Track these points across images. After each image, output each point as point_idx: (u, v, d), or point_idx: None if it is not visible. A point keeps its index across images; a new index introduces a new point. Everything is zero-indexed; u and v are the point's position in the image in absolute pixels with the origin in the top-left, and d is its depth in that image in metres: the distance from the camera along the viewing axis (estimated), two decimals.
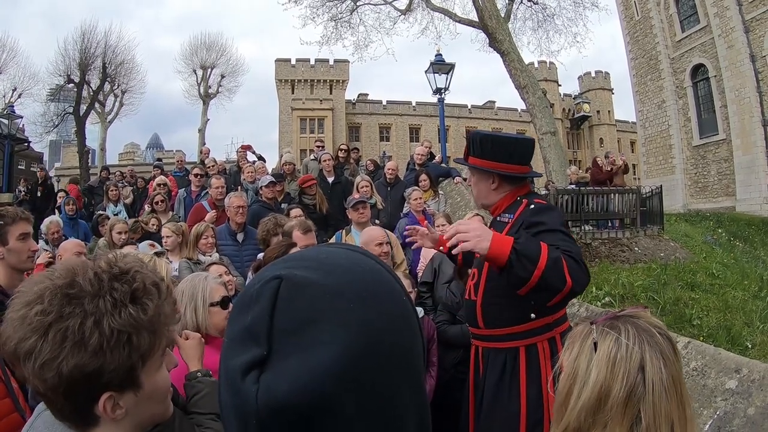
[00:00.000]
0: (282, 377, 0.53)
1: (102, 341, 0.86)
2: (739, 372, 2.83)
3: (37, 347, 0.85)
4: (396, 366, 0.59)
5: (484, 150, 2.59)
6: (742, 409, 2.65)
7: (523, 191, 2.63)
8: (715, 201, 24.51)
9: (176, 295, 2.41)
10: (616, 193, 11.78)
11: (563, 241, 2.30)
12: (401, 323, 0.62)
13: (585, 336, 1.08)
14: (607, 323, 1.06)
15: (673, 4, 26.82)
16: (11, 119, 23.74)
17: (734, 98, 23.31)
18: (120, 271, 0.93)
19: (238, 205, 5.77)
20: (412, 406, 0.61)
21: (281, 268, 0.60)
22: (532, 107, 16.66)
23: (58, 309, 0.86)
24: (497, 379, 2.45)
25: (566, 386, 1.07)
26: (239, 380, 0.55)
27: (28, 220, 2.74)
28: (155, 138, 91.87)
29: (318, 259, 0.63)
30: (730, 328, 7.00)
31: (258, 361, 0.54)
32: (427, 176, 8.00)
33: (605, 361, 1.01)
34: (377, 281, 0.63)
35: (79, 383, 0.87)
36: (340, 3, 20.43)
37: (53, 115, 32.45)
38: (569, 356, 1.09)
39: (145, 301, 0.93)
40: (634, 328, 1.03)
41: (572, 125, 61.36)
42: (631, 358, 1.00)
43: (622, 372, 0.99)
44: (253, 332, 0.56)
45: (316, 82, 55.31)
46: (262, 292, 0.58)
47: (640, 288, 8.09)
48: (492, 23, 16.91)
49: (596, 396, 1.01)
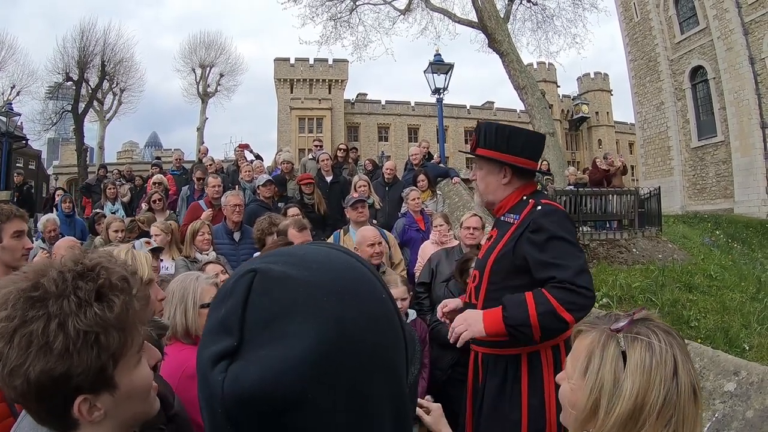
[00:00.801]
0: (250, 368, 0.53)
1: (68, 343, 0.83)
2: (737, 374, 2.82)
3: (3, 354, 0.83)
4: (372, 361, 0.58)
5: (499, 141, 2.46)
6: (740, 411, 2.64)
7: (529, 190, 2.51)
8: (714, 203, 24.56)
9: (167, 294, 2.40)
10: (614, 194, 11.81)
11: (567, 253, 2.23)
12: (379, 319, 0.61)
13: (605, 344, 1.03)
14: (632, 329, 1.02)
15: (672, 6, 26.87)
16: (9, 116, 23.73)
17: (733, 100, 23.38)
18: (85, 269, 0.89)
19: (235, 203, 5.75)
20: (389, 401, 0.60)
21: (259, 263, 0.61)
22: (530, 108, 16.66)
23: (21, 314, 0.83)
24: (498, 386, 2.38)
25: (591, 399, 1.02)
26: (208, 370, 0.55)
27: (23, 218, 2.72)
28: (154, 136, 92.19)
29: (297, 255, 0.64)
30: (728, 330, 7.00)
31: (228, 352, 0.54)
32: (426, 176, 8.00)
33: (640, 370, 0.98)
34: (355, 278, 0.62)
35: (48, 388, 0.84)
36: (340, 2, 20.41)
37: (52, 113, 32.39)
38: (591, 367, 1.03)
39: (112, 298, 0.89)
40: (661, 332, 1.01)
41: (571, 126, 61.42)
42: (666, 363, 0.97)
43: (658, 379, 0.97)
44: (226, 324, 0.56)
45: (315, 82, 55.28)
46: (237, 285, 0.58)
47: (637, 289, 8.09)
48: (491, 24, 16.91)
49: (632, 407, 0.98)
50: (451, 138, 46.63)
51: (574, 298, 2.11)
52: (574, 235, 2.32)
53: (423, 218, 6.51)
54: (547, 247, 2.23)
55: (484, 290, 2.44)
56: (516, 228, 2.38)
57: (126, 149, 64.79)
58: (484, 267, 2.46)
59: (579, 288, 2.12)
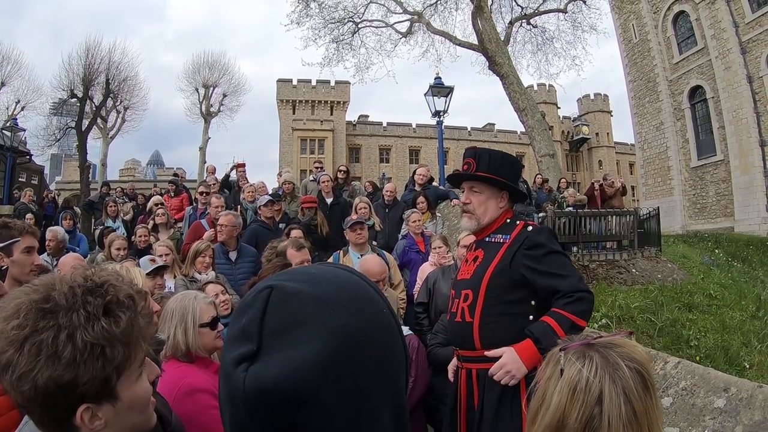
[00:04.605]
0: (269, 367, 0.61)
1: (75, 354, 0.87)
2: (727, 391, 2.85)
3: (13, 360, 0.87)
4: (372, 363, 0.67)
5: (499, 166, 2.62)
6: (729, 427, 2.67)
7: (510, 214, 2.68)
8: (714, 222, 24.56)
9: (165, 313, 2.42)
10: (613, 215, 11.84)
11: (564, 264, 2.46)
12: (380, 329, 0.70)
13: (556, 360, 1.08)
14: (577, 351, 1.07)
15: (670, 27, 27.15)
16: (14, 132, 23.90)
17: (732, 119, 23.48)
18: (94, 285, 0.94)
19: (231, 224, 5.78)
20: (388, 400, 0.69)
21: (273, 280, 0.70)
22: (531, 129, 16.80)
23: (33, 323, 0.88)
24: (497, 399, 2.40)
25: (536, 405, 1.09)
26: (231, 370, 0.64)
27: (35, 234, 2.78)
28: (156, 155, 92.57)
29: (307, 273, 0.73)
30: (728, 348, 6.99)
31: (249, 355, 0.63)
32: (425, 198, 8.02)
33: (567, 389, 1.02)
34: (359, 293, 0.71)
35: (54, 395, 0.88)
36: (342, 25, 20.70)
37: (55, 129, 32.44)
38: (543, 376, 1.10)
39: (118, 314, 0.94)
40: (600, 359, 1.03)
41: (571, 147, 61.57)
42: (589, 390, 1.00)
43: (580, 402, 1.00)
44: (247, 332, 0.65)
45: (317, 103, 55.55)
46: (256, 299, 0.68)
47: (637, 309, 8.09)
48: (492, 46, 17.12)
49: (555, 421, 1.02)
50: (452, 160, 46.67)
51: (584, 306, 2.36)
52: (562, 248, 2.57)
53: (423, 240, 6.53)
54: (545, 260, 2.43)
55: (481, 306, 2.48)
56: (509, 246, 2.51)
57: (128, 167, 64.95)
58: (478, 285, 2.51)
59: (582, 293, 2.36)
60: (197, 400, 2.12)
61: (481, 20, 17.69)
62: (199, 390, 2.16)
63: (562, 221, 10.85)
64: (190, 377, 2.22)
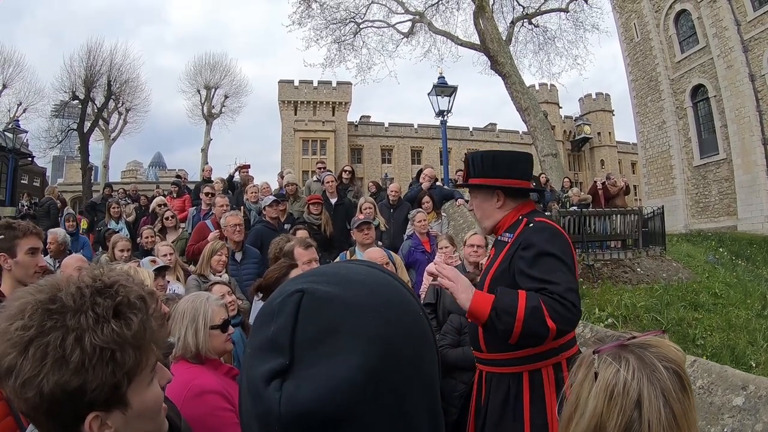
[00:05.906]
0: (304, 385, 0.55)
1: (84, 358, 0.82)
2: (745, 389, 2.83)
3: (17, 364, 0.81)
4: (411, 376, 0.61)
5: (485, 168, 2.55)
6: (749, 425, 2.65)
7: (526, 209, 2.55)
8: (717, 221, 24.47)
9: (176, 314, 2.39)
10: (617, 214, 11.82)
11: (556, 269, 2.24)
12: (418, 337, 0.64)
13: (589, 363, 1.05)
14: (612, 353, 1.03)
15: (672, 26, 27.07)
16: (16, 134, 23.95)
17: (734, 118, 23.41)
18: (104, 285, 0.90)
19: (235, 223, 5.75)
20: (427, 414, 0.63)
21: (302, 282, 0.63)
22: (533, 129, 16.78)
23: (38, 324, 0.83)
24: (500, 404, 2.37)
25: (568, 413, 1.05)
26: (262, 388, 0.57)
27: (39, 235, 2.75)
28: (158, 156, 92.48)
29: (338, 275, 0.66)
30: (734, 347, 6.98)
31: (281, 370, 0.57)
32: (430, 198, 8.01)
33: (603, 394, 0.99)
34: (395, 297, 0.65)
35: (61, 402, 0.83)
36: (344, 25, 20.72)
37: (57, 131, 32.66)
38: (575, 380, 1.06)
39: (130, 316, 0.89)
40: (637, 361, 1.00)
41: (573, 147, 61.52)
42: (628, 394, 0.97)
43: (618, 407, 0.97)
44: (276, 343, 0.59)
45: (319, 104, 55.54)
46: (285, 304, 0.61)
47: (642, 309, 8.08)
48: (493, 46, 17.11)
49: (592, 427, 0.99)
50: (454, 160, 46.58)
51: (562, 310, 2.13)
52: (566, 252, 2.32)
53: (429, 240, 6.51)
54: (535, 263, 2.26)
55: None
56: (510, 246, 2.43)
57: (130, 168, 64.93)
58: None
59: (567, 302, 2.15)
60: (207, 401, 2.10)
61: (483, 20, 17.69)
62: (209, 391, 2.14)
63: (566, 220, 10.82)
64: (199, 378, 2.20)
